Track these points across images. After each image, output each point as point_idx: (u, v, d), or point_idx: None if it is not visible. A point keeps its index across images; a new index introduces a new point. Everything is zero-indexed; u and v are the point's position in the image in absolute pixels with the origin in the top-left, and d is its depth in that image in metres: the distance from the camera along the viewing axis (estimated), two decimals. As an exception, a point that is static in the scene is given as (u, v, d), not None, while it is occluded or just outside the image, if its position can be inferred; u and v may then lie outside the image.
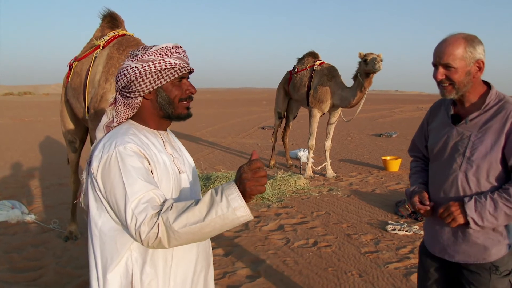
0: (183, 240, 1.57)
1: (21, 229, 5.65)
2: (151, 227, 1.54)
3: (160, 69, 1.76)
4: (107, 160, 1.65)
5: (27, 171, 9.45)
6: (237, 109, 30.77)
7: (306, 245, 5.15)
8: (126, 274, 1.71)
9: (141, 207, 1.57)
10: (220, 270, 4.40)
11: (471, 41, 2.04)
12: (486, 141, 2.05)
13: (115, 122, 1.81)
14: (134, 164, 1.65)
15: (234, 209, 1.53)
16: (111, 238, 1.70)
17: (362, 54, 7.64)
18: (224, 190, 1.55)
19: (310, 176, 8.74)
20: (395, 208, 6.39)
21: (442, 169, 2.21)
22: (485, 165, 2.05)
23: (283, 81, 9.83)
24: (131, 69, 1.76)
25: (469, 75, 2.06)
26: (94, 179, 1.68)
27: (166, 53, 1.77)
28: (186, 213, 1.53)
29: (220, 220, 1.53)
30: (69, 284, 4.13)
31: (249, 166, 1.56)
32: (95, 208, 1.72)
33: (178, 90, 1.81)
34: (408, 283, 4.10)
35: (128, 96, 1.78)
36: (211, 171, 9.00)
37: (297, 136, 15.51)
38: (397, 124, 20.42)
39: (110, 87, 4.22)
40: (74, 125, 5.18)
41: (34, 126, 19.17)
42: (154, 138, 1.83)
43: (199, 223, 1.53)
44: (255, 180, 1.55)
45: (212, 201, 1.55)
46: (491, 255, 2.12)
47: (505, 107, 2.06)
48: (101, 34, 4.78)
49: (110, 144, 1.69)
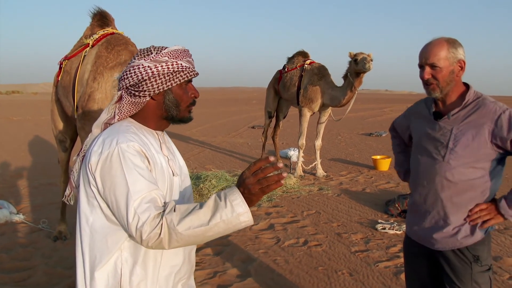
0: (184, 242, 1.58)
1: (10, 229, 5.59)
2: (153, 228, 1.55)
3: (173, 71, 1.76)
4: (108, 157, 1.63)
5: (15, 170, 9.36)
6: (227, 108, 30.74)
7: (297, 244, 5.16)
8: (114, 274, 1.70)
9: (143, 206, 1.57)
10: (211, 270, 4.39)
11: (452, 43, 2.24)
12: (467, 133, 2.22)
13: (116, 119, 1.79)
14: (136, 162, 1.64)
15: (238, 214, 1.56)
16: (102, 236, 1.69)
17: (352, 53, 7.66)
18: (227, 196, 1.57)
19: (300, 175, 8.76)
20: (385, 207, 6.42)
21: (426, 160, 2.37)
22: (467, 154, 2.22)
23: (273, 81, 9.83)
24: (143, 68, 1.74)
25: (453, 74, 2.24)
26: (91, 175, 1.66)
27: (178, 55, 1.78)
28: (190, 216, 1.55)
29: (223, 225, 1.56)
30: (59, 284, 4.10)
31: (249, 169, 1.58)
32: (86, 204, 1.70)
33: (185, 94, 1.82)
34: (398, 281, 4.13)
35: (136, 94, 1.76)
36: (201, 170, 8.98)
37: (287, 136, 15.53)
38: (387, 123, 20.48)
39: (98, 86, 4.20)
40: (64, 124, 5.15)
41: (23, 125, 19.02)
42: (152, 138, 1.82)
43: (203, 227, 1.55)
44: (258, 183, 1.56)
45: (216, 205, 1.57)
46: (467, 240, 2.27)
47: (484, 103, 2.24)
48: (90, 32, 4.75)
49: (111, 141, 1.66)
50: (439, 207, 2.31)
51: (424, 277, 2.49)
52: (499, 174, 2.31)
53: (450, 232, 2.28)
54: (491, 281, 2.29)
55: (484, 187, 2.25)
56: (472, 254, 2.26)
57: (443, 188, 2.28)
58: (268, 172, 1.56)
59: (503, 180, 2.39)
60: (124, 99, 1.78)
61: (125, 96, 1.78)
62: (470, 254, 2.26)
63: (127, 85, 1.77)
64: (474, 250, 2.26)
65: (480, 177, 2.24)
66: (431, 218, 2.35)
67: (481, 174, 2.24)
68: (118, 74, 1.87)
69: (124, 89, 1.78)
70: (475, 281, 2.25)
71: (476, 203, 2.26)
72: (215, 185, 7.21)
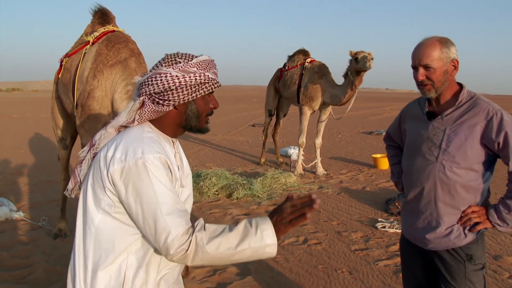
0: (207, 261, 1.61)
1: (10, 227, 5.60)
2: (182, 243, 1.57)
3: (200, 83, 1.74)
4: (134, 166, 1.61)
5: (15, 168, 9.37)
6: (228, 107, 30.72)
7: (296, 242, 5.16)
8: (117, 276, 1.69)
9: (175, 221, 1.58)
10: (211, 268, 4.39)
11: (445, 42, 2.23)
12: (460, 133, 2.22)
13: (135, 123, 1.76)
14: (163, 174, 1.64)
15: (266, 245, 1.60)
16: (109, 237, 1.68)
17: (353, 52, 7.65)
18: (259, 224, 1.61)
19: (300, 173, 8.76)
20: (385, 205, 6.42)
21: (419, 161, 2.36)
22: (460, 155, 2.22)
23: (273, 79, 9.83)
24: (170, 77, 1.71)
25: (447, 74, 2.23)
26: (109, 181, 1.64)
27: (206, 67, 1.76)
28: (220, 238, 1.58)
29: (249, 252, 1.59)
30: (58, 282, 4.10)
31: (292, 201, 1.65)
32: (94, 207, 1.69)
33: (206, 105, 1.81)
34: (398, 280, 4.13)
35: (160, 103, 1.73)
36: (202, 168, 8.98)
37: (288, 134, 15.53)
38: (387, 122, 20.47)
39: (98, 84, 4.19)
40: (65, 121, 5.14)
41: (23, 122, 19.01)
42: (169, 146, 1.81)
43: (230, 250, 1.58)
44: (292, 213, 1.63)
45: (247, 232, 1.60)
46: (460, 240, 2.27)
47: (477, 103, 2.23)
48: (91, 30, 4.75)
49: (136, 149, 1.64)
50: (432, 208, 2.32)
51: (420, 276, 2.50)
52: (491, 176, 2.32)
53: (443, 233, 2.29)
54: (485, 279, 2.30)
55: (477, 188, 2.26)
56: (465, 253, 2.27)
57: (436, 189, 2.28)
58: (305, 204, 1.62)
59: (500, 181, 2.41)
60: (147, 106, 1.75)
61: (148, 104, 1.74)
62: (463, 253, 2.27)
63: (151, 91, 1.73)
64: (468, 249, 2.27)
65: (473, 177, 2.24)
66: (424, 218, 2.36)
67: (474, 175, 2.25)
68: (139, 78, 1.83)
69: (147, 95, 1.75)
70: (469, 279, 2.26)
71: (469, 205, 2.27)
72: (215, 183, 7.21)
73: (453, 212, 2.28)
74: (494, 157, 2.26)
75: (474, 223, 2.26)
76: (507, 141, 2.13)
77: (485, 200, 2.32)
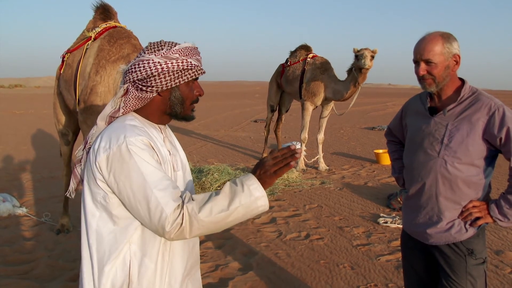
0: (205, 229, 1.61)
1: (13, 222, 5.62)
2: (175, 217, 1.57)
3: (182, 69, 1.75)
4: (118, 151, 1.62)
5: (18, 164, 9.39)
6: (230, 102, 30.72)
7: (298, 237, 5.17)
8: (123, 267, 1.70)
9: (165, 198, 1.58)
10: (213, 263, 4.41)
11: (447, 37, 2.22)
12: (462, 129, 2.22)
13: (120, 112, 1.78)
14: (147, 155, 1.65)
15: (256, 198, 1.61)
16: (110, 230, 1.69)
17: (356, 49, 7.66)
18: (244, 181, 1.62)
19: (302, 169, 8.76)
20: (387, 201, 6.43)
21: (420, 156, 2.36)
22: (462, 150, 2.22)
23: (275, 74, 9.81)
24: (153, 63, 1.73)
25: (448, 69, 2.24)
26: (98, 172, 1.65)
27: (189, 53, 1.77)
28: (210, 203, 1.59)
29: (242, 209, 1.60)
30: (61, 277, 4.12)
31: (272, 154, 1.66)
32: (91, 202, 1.71)
33: (190, 92, 1.82)
34: (400, 275, 4.13)
35: (143, 89, 1.75)
36: (204, 164, 8.99)
37: (290, 129, 15.52)
38: (389, 117, 20.44)
39: (100, 80, 4.19)
40: (67, 117, 5.15)
41: (26, 118, 19.04)
42: (155, 132, 1.82)
43: (223, 212, 1.58)
44: (275, 165, 1.64)
45: (234, 191, 1.61)
46: (461, 235, 2.28)
47: (479, 98, 2.23)
48: (93, 25, 4.75)
49: (118, 135, 1.65)
50: (433, 203, 2.32)
51: (421, 270, 2.51)
52: (492, 171, 2.32)
53: (444, 227, 2.30)
54: (486, 273, 2.31)
55: (478, 183, 2.26)
56: (466, 247, 2.27)
57: (438, 184, 2.29)
58: (286, 154, 1.64)
59: (501, 176, 2.42)
60: (131, 93, 1.77)
61: (132, 90, 1.77)
62: (464, 247, 2.28)
63: (134, 78, 1.75)
64: (468, 244, 2.28)
65: (474, 173, 2.25)
66: (425, 213, 2.36)
67: (475, 170, 2.25)
68: (124, 66, 1.85)
69: (131, 82, 1.77)
70: (470, 274, 2.26)
71: (470, 200, 2.27)
72: (217, 179, 7.21)
73: (454, 207, 2.28)
74: (495, 152, 2.26)
75: (475, 218, 2.26)
76: (509, 137, 2.13)
77: (486, 195, 2.32)
